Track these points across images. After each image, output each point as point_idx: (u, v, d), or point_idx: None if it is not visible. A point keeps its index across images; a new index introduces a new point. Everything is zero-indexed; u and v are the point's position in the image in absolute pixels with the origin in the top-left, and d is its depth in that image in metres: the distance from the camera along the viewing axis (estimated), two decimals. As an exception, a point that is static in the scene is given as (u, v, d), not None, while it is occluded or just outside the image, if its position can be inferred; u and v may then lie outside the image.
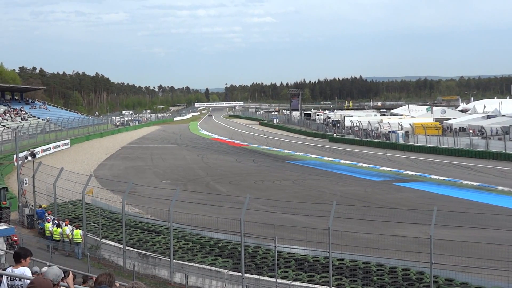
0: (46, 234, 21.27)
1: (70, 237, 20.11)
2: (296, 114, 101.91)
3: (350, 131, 71.00)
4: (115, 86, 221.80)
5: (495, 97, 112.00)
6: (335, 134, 70.21)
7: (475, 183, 32.93)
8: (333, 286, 14.02)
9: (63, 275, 6.27)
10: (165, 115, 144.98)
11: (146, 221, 22.20)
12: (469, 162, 42.92)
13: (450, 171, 38.70)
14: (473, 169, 39.53)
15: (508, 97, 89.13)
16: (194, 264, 16.48)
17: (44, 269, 6.17)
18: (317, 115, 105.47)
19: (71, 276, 6.34)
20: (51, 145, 54.54)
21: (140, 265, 17.63)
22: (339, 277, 14.82)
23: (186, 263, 16.67)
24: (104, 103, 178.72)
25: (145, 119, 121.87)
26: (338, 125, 78.30)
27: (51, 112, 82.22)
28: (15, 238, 19.08)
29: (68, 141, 60.82)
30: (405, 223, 18.31)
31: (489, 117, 68.61)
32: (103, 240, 19.72)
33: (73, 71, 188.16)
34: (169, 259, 16.75)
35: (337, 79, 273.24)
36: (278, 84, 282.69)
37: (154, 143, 68.76)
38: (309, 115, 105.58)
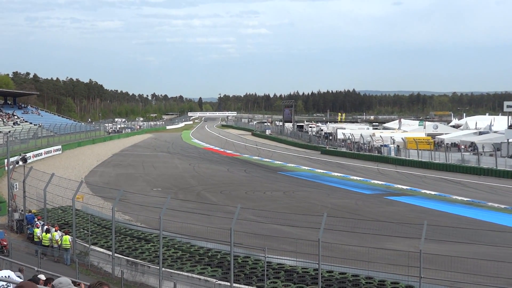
0: (35, 240, 21.14)
1: (59, 243, 19.99)
2: (288, 125, 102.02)
3: (342, 143, 71.15)
4: (108, 93, 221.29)
5: (487, 114, 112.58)
6: (327, 147, 70.29)
7: (465, 199, 33.06)
8: (322, 298, 14.00)
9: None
10: (158, 123, 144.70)
11: (136, 228, 22.11)
12: (460, 178, 43.08)
13: (441, 186, 38.82)
14: (464, 185, 39.67)
15: (500, 113, 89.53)
16: (183, 273, 16.42)
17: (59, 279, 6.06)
18: (310, 127, 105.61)
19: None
20: (42, 151, 54.29)
21: (128, 273, 17.53)
22: (328, 289, 14.80)
23: (175, 271, 16.60)
24: (97, 110, 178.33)
25: (138, 127, 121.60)
26: (331, 137, 78.42)
27: (43, 117, 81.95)
28: (5, 243, 18.96)
29: (59, 147, 60.58)
30: (395, 237, 18.34)
31: (481, 133, 68.95)
32: (92, 247, 19.61)
33: (67, 77, 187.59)
34: (158, 267, 16.68)
35: (330, 91, 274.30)
36: (271, 95, 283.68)
37: (146, 151, 68.61)
38: (301, 127, 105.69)
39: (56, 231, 20.50)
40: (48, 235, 20.44)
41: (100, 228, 22.29)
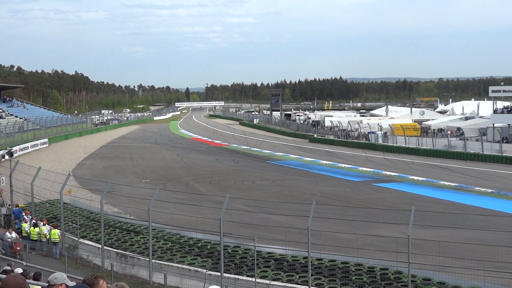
0: (23, 234, 21.00)
1: (48, 236, 19.89)
2: (276, 114, 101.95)
3: (330, 131, 71.29)
4: (94, 85, 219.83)
5: (473, 99, 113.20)
6: (315, 135, 70.42)
7: (453, 184, 33.30)
8: (312, 286, 14.06)
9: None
10: (145, 114, 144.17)
11: (125, 220, 22.04)
12: (447, 163, 43.37)
13: (429, 172, 39.07)
14: (451, 170, 39.95)
15: (485, 99, 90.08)
16: (173, 264, 16.42)
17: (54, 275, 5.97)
18: (298, 115, 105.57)
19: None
20: (29, 144, 53.91)
21: (118, 265, 17.50)
22: (318, 276, 14.87)
23: (165, 262, 16.60)
24: (83, 102, 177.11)
25: (125, 118, 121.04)
26: (318, 125, 78.54)
27: (29, 110, 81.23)
28: (18, 248, 18.70)
29: (46, 140, 60.15)
30: (384, 223, 18.45)
31: (467, 118, 69.41)
32: (81, 240, 19.54)
33: (52, 69, 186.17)
34: (148, 259, 16.67)
35: (317, 79, 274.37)
36: (258, 84, 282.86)
37: (134, 142, 68.35)
38: (289, 115, 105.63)
39: (44, 225, 20.38)
40: (36, 229, 20.32)
41: (89, 221, 22.20)
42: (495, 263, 13.01)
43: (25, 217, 21.85)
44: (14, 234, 18.75)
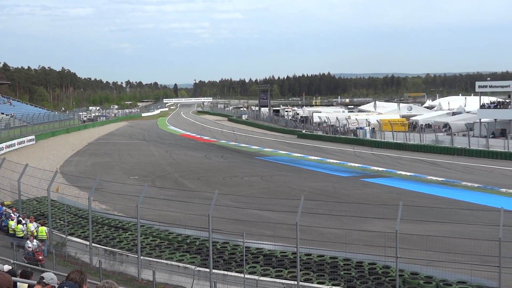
0: (10, 232, 20.85)
1: (35, 234, 19.75)
2: (265, 110, 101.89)
3: (318, 127, 71.45)
4: (82, 81, 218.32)
5: (460, 94, 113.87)
6: (303, 130, 70.52)
7: (440, 179, 33.53)
8: (300, 281, 14.11)
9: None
10: (133, 110, 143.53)
11: (113, 217, 21.99)
12: (434, 158, 43.64)
13: (416, 167, 39.30)
14: (438, 165, 40.21)
15: (472, 94, 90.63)
16: (162, 261, 16.40)
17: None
18: (286, 111, 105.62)
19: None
20: (15, 141, 53.51)
21: (107, 262, 17.44)
22: (306, 272, 14.93)
23: (154, 259, 16.57)
24: (70, 99, 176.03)
25: (113, 115, 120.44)
26: (307, 121, 78.64)
27: (15, 107, 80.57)
28: (40, 257, 18.43)
29: (33, 137, 59.70)
30: (372, 218, 18.52)
31: (454, 113, 69.83)
32: (69, 237, 19.44)
33: (39, 65, 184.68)
34: (137, 256, 16.63)
35: (305, 75, 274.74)
36: (247, 80, 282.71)
37: (122, 139, 68.07)
38: (277, 111, 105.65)
39: (31, 222, 20.25)
40: (20, 225, 20.17)
41: (76, 218, 22.11)
42: (482, 257, 13.14)
43: (11, 214, 21.70)
44: (35, 242, 18.31)
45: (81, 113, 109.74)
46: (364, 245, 15.54)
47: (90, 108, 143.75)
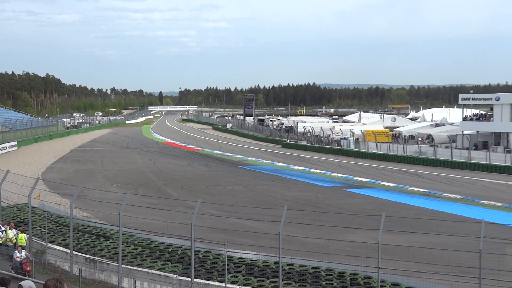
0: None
1: (14, 241, 19.49)
2: (249, 119, 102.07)
3: (302, 137, 71.63)
4: (66, 87, 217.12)
5: (443, 106, 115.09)
6: (288, 140, 70.66)
7: (422, 190, 33.74)
8: (282, 291, 14.06)
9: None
10: (118, 118, 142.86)
11: (94, 225, 21.76)
12: (417, 169, 43.94)
13: (399, 178, 39.53)
14: (421, 176, 40.48)
15: (455, 106, 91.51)
16: (143, 269, 16.25)
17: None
18: (271, 120, 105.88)
19: None
20: (-3, 147, 52.97)
21: (87, 270, 17.25)
22: (288, 282, 14.88)
23: (135, 268, 16.42)
24: (54, 105, 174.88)
25: (97, 122, 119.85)
26: (291, 131, 78.82)
27: (-2, 112, 79.86)
28: (28, 268, 18.07)
29: (15, 143, 59.16)
30: (355, 228, 18.58)
31: (437, 125, 70.45)
32: (49, 245, 19.20)
33: (23, 71, 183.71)
34: (118, 264, 16.47)
35: (291, 85, 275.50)
36: (232, 89, 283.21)
37: (106, 146, 67.66)
38: (262, 120, 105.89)
39: (10, 229, 19.98)
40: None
41: (57, 225, 21.85)
42: (462, 268, 13.20)
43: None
44: (23, 253, 17.95)
45: (64, 120, 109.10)
46: (346, 255, 15.56)
47: (74, 114, 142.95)
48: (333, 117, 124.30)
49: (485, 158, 44.78)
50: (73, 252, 17.87)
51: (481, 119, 58.14)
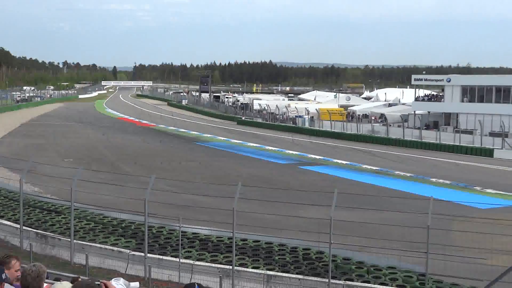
0: None
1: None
2: (205, 96, 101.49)
3: (258, 114, 71.80)
4: (16, 60, 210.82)
5: (397, 86, 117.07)
6: (243, 117, 70.72)
7: (374, 168, 34.40)
8: (236, 266, 14.20)
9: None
10: (70, 92, 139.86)
11: (46, 200, 21.41)
12: (370, 148, 44.74)
13: (352, 156, 40.15)
14: (373, 154, 41.25)
15: (408, 86, 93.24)
16: (96, 244, 16.11)
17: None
18: (226, 97, 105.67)
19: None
20: None
21: (38, 246, 16.98)
22: (242, 257, 15.04)
23: (87, 243, 16.26)
24: (3, 78, 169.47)
25: (48, 96, 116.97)
26: (247, 108, 78.88)
27: None
28: None
29: (-38, 116, 57.28)
30: (308, 205, 18.82)
31: (390, 105, 71.80)
32: (-1, 220, 18.80)
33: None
34: (69, 239, 16.27)
35: (247, 62, 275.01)
36: (188, 65, 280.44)
37: (57, 120, 66.21)
38: (218, 97, 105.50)
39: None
40: None
41: (7, 200, 21.41)
42: (411, 244, 13.59)
43: None
44: None
45: (14, 93, 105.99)
46: (299, 231, 15.77)
47: (24, 88, 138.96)
48: (289, 95, 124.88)
49: (435, 138, 45.95)
50: (24, 227, 17.55)
51: (432, 99, 59.55)
